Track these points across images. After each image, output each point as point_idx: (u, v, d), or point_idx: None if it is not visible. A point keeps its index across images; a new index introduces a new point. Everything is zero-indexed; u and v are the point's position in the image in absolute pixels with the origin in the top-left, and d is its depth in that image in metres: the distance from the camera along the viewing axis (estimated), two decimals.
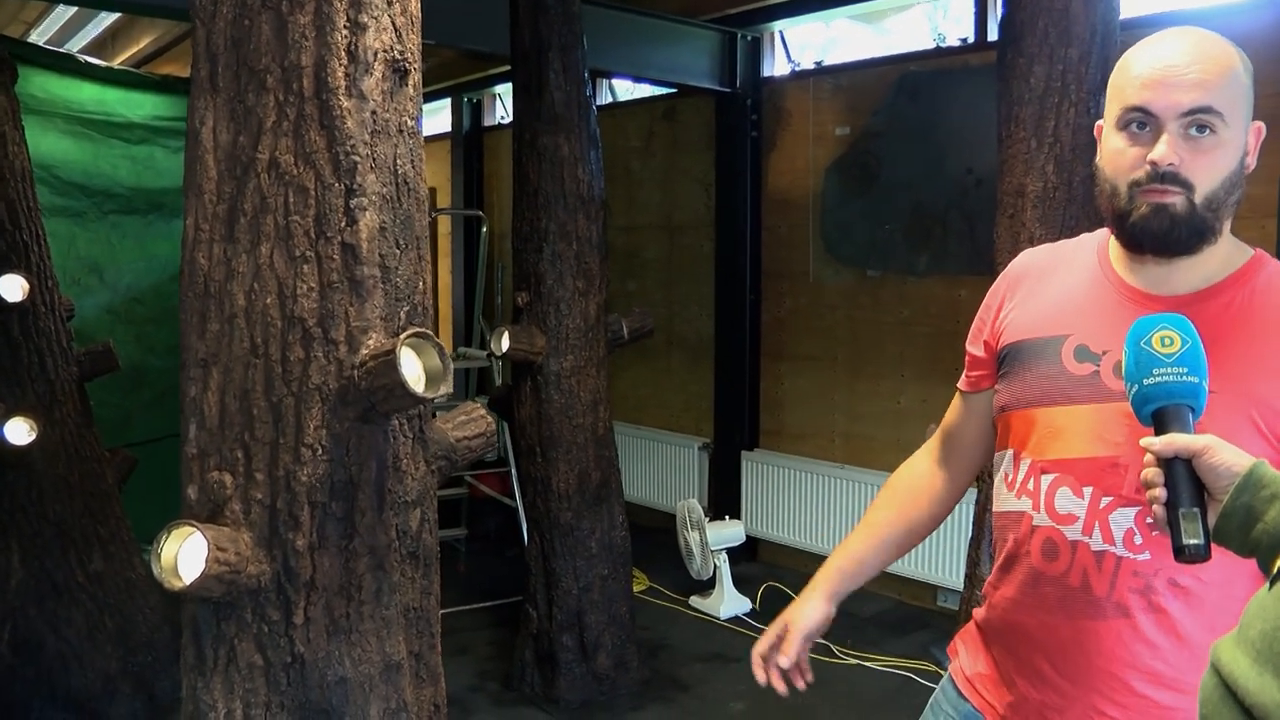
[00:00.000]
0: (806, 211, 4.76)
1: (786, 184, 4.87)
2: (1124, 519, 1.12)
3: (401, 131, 1.49)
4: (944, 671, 1.43)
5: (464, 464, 1.69)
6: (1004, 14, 2.65)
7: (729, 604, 4.28)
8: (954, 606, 3.82)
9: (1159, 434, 0.96)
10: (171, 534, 1.35)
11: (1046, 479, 1.18)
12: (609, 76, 5.56)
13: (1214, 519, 0.91)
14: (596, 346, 3.47)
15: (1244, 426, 1.07)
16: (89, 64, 4.42)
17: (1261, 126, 1.14)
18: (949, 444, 1.42)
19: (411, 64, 1.50)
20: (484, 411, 1.71)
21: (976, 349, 1.33)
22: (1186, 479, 0.92)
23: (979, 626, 1.32)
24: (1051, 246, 1.34)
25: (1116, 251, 1.20)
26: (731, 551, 4.38)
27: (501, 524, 5.27)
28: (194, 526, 1.35)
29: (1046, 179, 2.53)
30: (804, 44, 5.02)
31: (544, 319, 3.39)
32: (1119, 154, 1.13)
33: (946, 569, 4.11)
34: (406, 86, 1.49)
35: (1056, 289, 1.24)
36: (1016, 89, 2.57)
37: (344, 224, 1.42)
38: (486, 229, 6.20)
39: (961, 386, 1.38)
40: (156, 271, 4.59)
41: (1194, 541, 0.90)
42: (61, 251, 3.72)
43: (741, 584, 4.40)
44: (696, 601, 4.38)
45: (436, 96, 6.76)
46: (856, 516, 4.45)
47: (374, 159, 1.44)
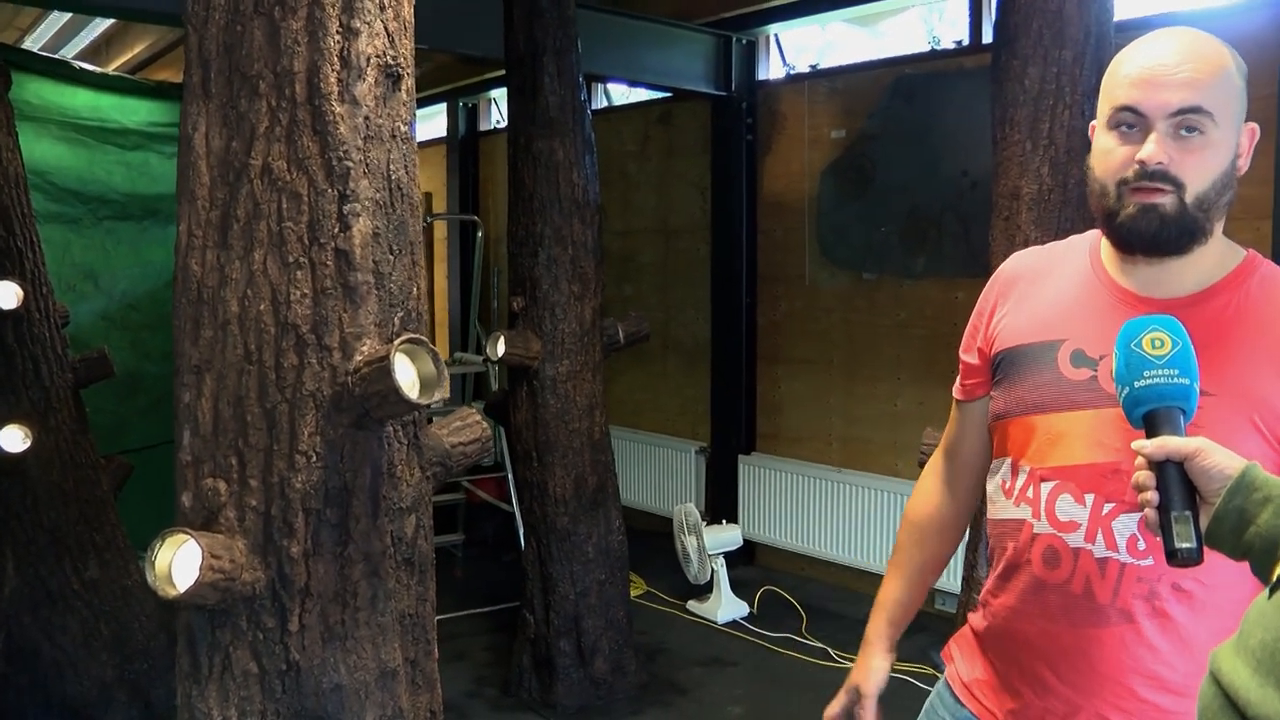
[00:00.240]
0: (802, 215, 4.76)
1: (782, 187, 4.87)
2: (1127, 525, 1.11)
3: (395, 137, 1.48)
4: (940, 675, 1.42)
5: (459, 470, 1.69)
6: (998, 16, 2.65)
7: (726, 608, 4.27)
8: (951, 610, 3.82)
9: (1150, 437, 0.96)
10: (166, 541, 1.34)
11: (1046, 486, 1.17)
12: (604, 81, 5.56)
13: (1206, 522, 0.90)
14: (592, 351, 3.46)
15: (1244, 429, 1.07)
16: (83, 70, 4.41)
17: (1255, 128, 1.14)
18: (953, 460, 1.41)
19: (405, 69, 1.49)
20: (479, 417, 1.70)
21: (970, 356, 1.32)
22: (1178, 482, 0.92)
23: (975, 632, 1.31)
24: (1041, 249, 1.34)
25: (1108, 253, 1.20)
26: (729, 555, 4.38)
27: (498, 529, 5.26)
28: (188, 534, 1.34)
29: (1041, 181, 2.53)
30: (799, 47, 5.02)
31: (539, 324, 3.38)
32: (1108, 153, 1.12)
33: (944, 572, 4.10)
34: (400, 91, 1.49)
35: (1049, 293, 1.24)
36: (1011, 91, 2.57)
37: (337, 230, 1.41)
38: (482, 234, 6.20)
39: (957, 395, 1.37)
40: (151, 278, 4.57)
41: (1186, 545, 0.90)
42: (56, 258, 3.70)
43: (739, 588, 4.39)
44: (694, 606, 4.38)
45: (431, 101, 6.76)
46: (854, 520, 4.45)
47: (367, 164, 1.44)
